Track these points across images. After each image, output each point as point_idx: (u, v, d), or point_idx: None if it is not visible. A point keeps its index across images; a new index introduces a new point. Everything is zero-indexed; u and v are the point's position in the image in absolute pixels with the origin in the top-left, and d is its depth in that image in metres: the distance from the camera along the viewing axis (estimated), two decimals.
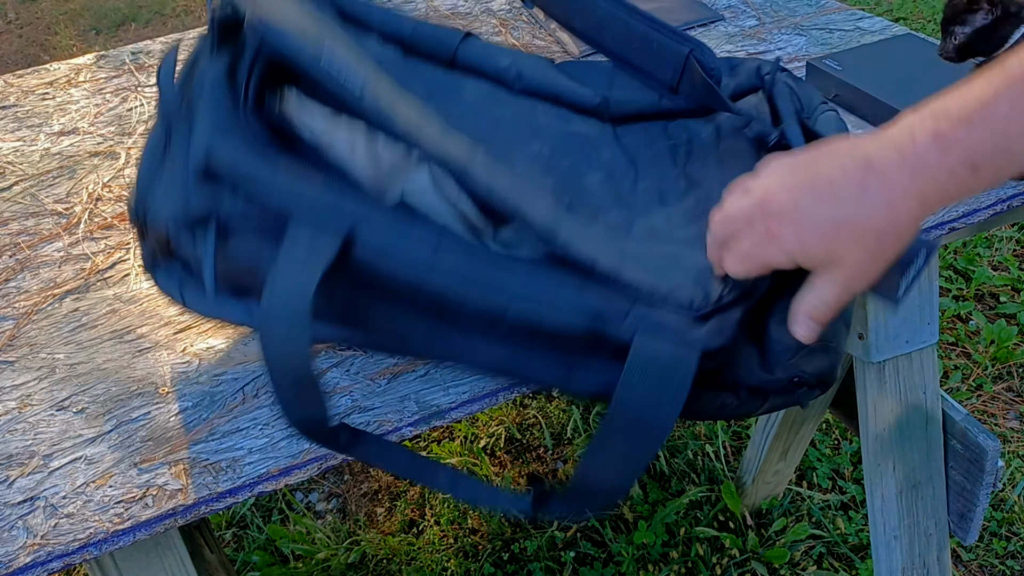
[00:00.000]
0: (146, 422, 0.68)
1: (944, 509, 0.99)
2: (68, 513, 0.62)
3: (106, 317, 0.78)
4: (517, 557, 1.45)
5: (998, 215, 0.83)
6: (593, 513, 0.62)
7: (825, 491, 1.55)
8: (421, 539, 1.49)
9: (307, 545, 1.48)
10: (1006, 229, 2.08)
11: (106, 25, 3.53)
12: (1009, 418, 1.66)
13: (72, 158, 1.00)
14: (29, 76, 1.18)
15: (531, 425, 1.69)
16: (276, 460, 0.65)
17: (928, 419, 0.95)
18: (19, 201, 0.94)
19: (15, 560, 0.59)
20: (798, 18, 1.15)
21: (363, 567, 1.46)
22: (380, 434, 0.67)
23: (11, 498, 0.63)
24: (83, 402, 0.70)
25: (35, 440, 0.67)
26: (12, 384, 0.72)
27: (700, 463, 1.58)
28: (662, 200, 0.70)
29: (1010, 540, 1.46)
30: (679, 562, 1.42)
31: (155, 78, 1.15)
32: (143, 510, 0.62)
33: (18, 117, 1.09)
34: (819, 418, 1.31)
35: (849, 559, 1.44)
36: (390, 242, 0.58)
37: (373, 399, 0.69)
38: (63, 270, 0.83)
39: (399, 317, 0.62)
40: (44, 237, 0.88)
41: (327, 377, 0.71)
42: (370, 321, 0.63)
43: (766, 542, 1.47)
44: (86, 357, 0.74)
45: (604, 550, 1.46)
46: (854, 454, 1.59)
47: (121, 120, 1.07)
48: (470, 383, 0.70)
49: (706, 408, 0.64)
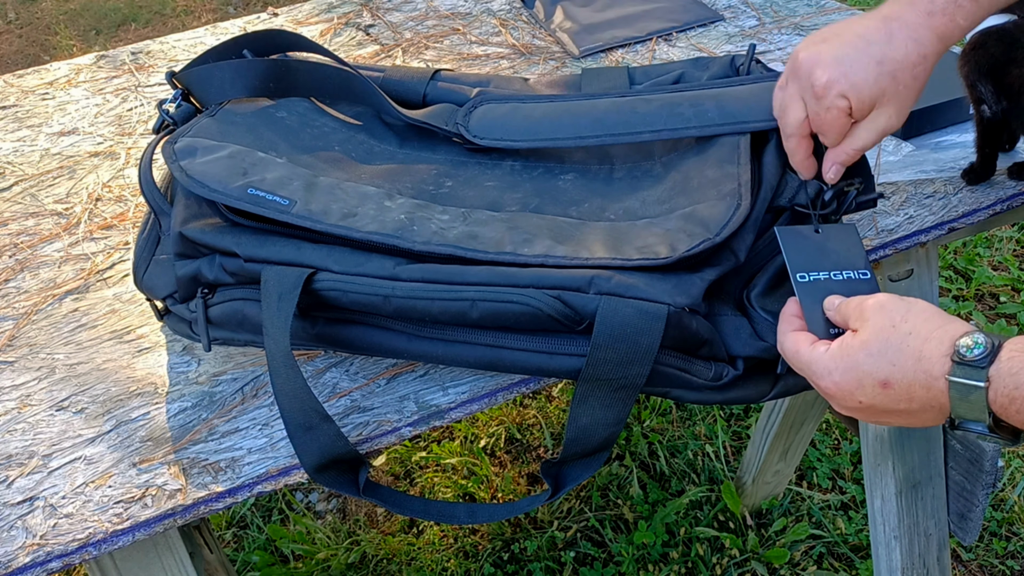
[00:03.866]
0: (145, 422, 0.68)
1: (944, 509, 0.99)
2: (67, 513, 0.62)
3: (106, 317, 0.78)
4: (517, 557, 1.45)
5: (998, 215, 0.83)
6: (596, 464, 0.66)
7: (825, 491, 1.55)
8: (421, 539, 1.49)
9: (307, 545, 1.48)
10: (1006, 229, 2.08)
11: (106, 25, 3.53)
12: None
13: (72, 158, 1.00)
14: (29, 76, 1.18)
15: (531, 425, 1.69)
16: (275, 460, 0.65)
17: None
18: (19, 201, 0.94)
19: (14, 560, 0.59)
20: (798, 18, 1.15)
21: (363, 567, 1.46)
22: (380, 434, 0.67)
23: (11, 498, 0.63)
24: (83, 402, 0.70)
25: (35, 440, 0.67)
26: (12, 384, 0.72)
27: (700, 463, 1.58)
28: (637, 186, 0.72)
29: (1010, 540, 1.46)
30: (679, 562, 1.42)
31: (154, 75, 1.15)
32: (142, 510, 0.62)
33: (18, 117, 1.09)
34: (819, 418, 1.31)
35: (849, 559, 1.44)
36: (347, 276, 0.64)
37: (372, 399, 0.69)
38: (63, 270, 0.83)
39: (380, 334, 0.67)
40: (44, 237, 0.88)
41: (326, 377, 0.71)
42: (355, 342, 0.68)
43: (766, 542, 1.47)
44: (86, 357, 0.74)
45: (604, 550, 1.46)
46: (854, 454, 1.59)
47: (121, 120, 1.07)
48: (469, 383, 0.70)
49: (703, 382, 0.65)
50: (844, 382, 0.56)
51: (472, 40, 1.17)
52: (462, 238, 0.66)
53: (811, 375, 0.59)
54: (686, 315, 0.61)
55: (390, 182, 0.72)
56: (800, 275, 0.63)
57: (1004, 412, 0.49)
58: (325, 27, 1.23)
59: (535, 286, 0.61)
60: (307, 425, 0.62)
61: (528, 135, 0.75)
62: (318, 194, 0.69)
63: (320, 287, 0.64)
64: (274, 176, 0.69)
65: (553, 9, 1.22)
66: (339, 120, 0.80)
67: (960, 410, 0.51)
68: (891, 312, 0.55)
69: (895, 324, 0.54)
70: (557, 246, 0.65)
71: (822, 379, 0.57)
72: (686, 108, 0.73)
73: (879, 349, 0.54)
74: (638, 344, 0.60)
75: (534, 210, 0.70)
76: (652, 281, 0.61)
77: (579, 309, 0.61)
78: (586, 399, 0.62)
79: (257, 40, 0.83)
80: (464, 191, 0.72)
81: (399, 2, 1.29)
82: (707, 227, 0.64)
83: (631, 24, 1.17)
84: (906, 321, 0.54)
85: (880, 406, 0.55)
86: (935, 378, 0.51)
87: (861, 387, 0.55)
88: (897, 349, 0.53)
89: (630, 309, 0.60)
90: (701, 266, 0.64)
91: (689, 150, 0.73)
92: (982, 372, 0.49)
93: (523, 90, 0.83)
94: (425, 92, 0.83)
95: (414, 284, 0.63)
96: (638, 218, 0.68)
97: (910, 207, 0.83)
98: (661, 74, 0.80)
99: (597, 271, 0.62)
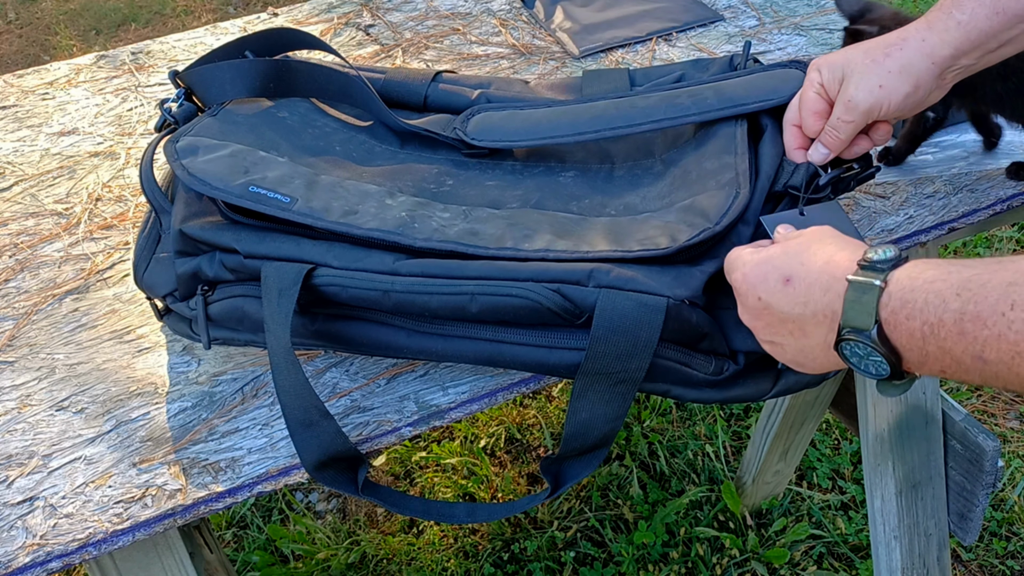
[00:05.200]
0: (145, 422, 0.68)
1: (944, 509, 0.99)
2: (67, 513, 0.62)
3: (106, 317, 0.78)
4: (517, 557, 1.45)
5: (998, 215, 0.83)
6: (595, 462, 0.66)
7: (825, 491, 1.55)
8: (421, 539, 1.49)
9: (307, 545, 1.48)
10: (1006, 229, 2.08)
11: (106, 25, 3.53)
12: (1009, 418, 1.66)
13: (72, 158, 1.00)
14: (29, 76, 1.18)
15: (531, 425, 1.69)
16: (275, 460, 0.65)
17: (928, 419, 0.95)
18: (19, 201, 0.93)
19: (14, 560, 0.59)
20: (798, 18, 1.15)
21: (363, 567, 1.46)
22: (380, 434, 0.67)
23: (11, 498, 0.63)
24: (83, 402, 0.70)
25: (35, 440, 0.67)
26: (12, 384, 0.72)
27: (700, 463, 1.58)
28: (638, 183, 0.73)
29: (1010, 540, 1.46)
30: (679, 562, 1.42)
31: (154, 75, 1.15)
32: (142, 510, 0.62)
33: (18, 117, 1.09)
34: (819, 418, 1.31)
35: (849, 559, 1.44)
36: (347, 272, 0.64)
37: (372, 399, 0.69)
38: (63, 270, 0.83)
39: (379, 329, 0.67)
40: (44, 237, 0.88)
41: (326, 377, 0.71)
42: (354, 339, 0.68)
43: (766, 542, 1.47)
44: (86, 357, 0.74)
45: (604, 550, 1.46)
46: (854, 454, 1.59)
47: (121, 120, 1.07)
48: (469, 383, 0.70)
49: (703, 377, 0.65)
50: (752, 274, 0.56)
51: (472, 40, 1.17)
52: (463, 235, 0.66)
53: (729, 271, 0.60)
54: (686, 308, 0.61)
55: (391, 181, 0.72)
56: None
57: (894, 318, 0.48)
58: (325, 27, 1.23)
59: (534, 279, 0.61)
60: (308, 422, 0.62)
61: (527, 135, 0.75)
62: (319, 192, 0.69)
63: (320, 282, 0.64)
64: (275, 174, 0.69)
65: (553, 9, 1.22)
66: (340, 121, 0.80)
67: (850, 313, 0.50)
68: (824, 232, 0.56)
69: (821, 238, 0.55)
70: (558, 241, 0.65)
71: (735, 271, 0.58)
72: (685, 99, 0.74)
73: (795, 250, 0.55)
74: (637, 337, 0.60)
75: (535, 206, 0.70)
76: (652, 274, 0.61)
77: (578, 302, 0.61)
78: (585, 393, 0.62)
79: (265, 39, 0.83)
80: (465, 190, 0.72)
81: (399, 2, 1.29)
82: (707, 217, 0.64)
83: (631, 24, 1.17)
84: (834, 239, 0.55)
85: (776, 307, 0.55)
86: (836, 280, 0.51)
87: (764, 281, 0.55)
88: (811, 252, 0.54)
89: (629, 302, 0.60)
90: (701, 258, 0.64)
91: (688, 145, 0.73)
92: (882, 274, 0.49)
93: (523, 92, 0.83)
94: (426, 94, 0.83)
95: (413, 279, 0.63)
96: (638, 212, 0.68)
97: (910, 207, 0.83)
98: (661, 76, 0.80)
99: (597, 264, 0.62)
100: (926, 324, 0.46)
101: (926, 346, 0.46)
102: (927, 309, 0.46)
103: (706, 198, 0.65)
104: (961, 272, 0.45)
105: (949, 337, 0.45)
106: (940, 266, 0.47)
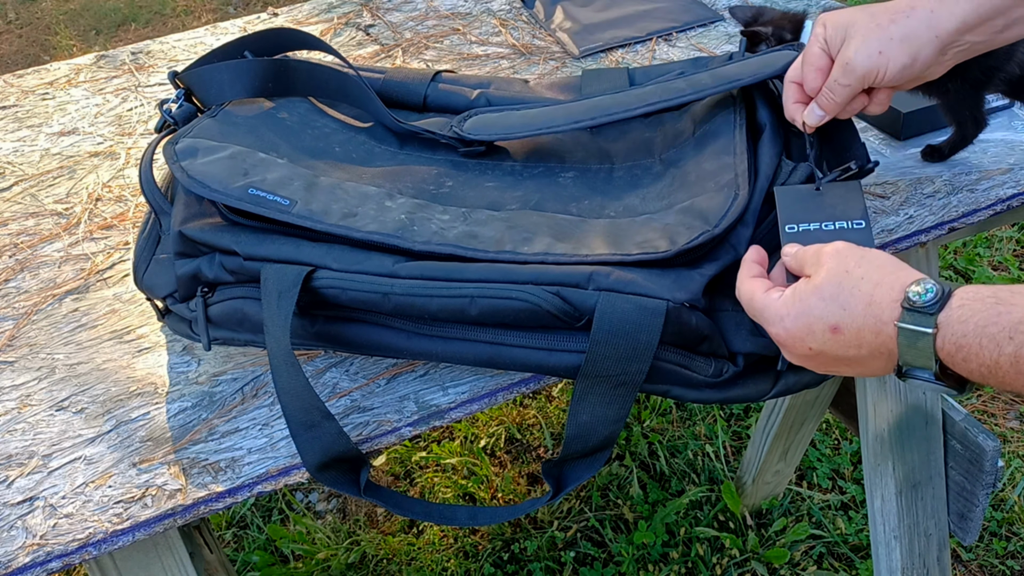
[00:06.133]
0: (145, 422, 0.68)
1: (944, 509, 0.99)
2: (67, 513, 0.62)
3: (106, 317, 0.78)
4: (517, 557, 1.45)
5: (998, 215, 0.83)
6: (597, 464, 0.66)
7: (825, 491, 1.55)
8: (421, 539, 1.49)
9: (307, 545, 1.48)
10: (1006, 229, 2.08)
11: (106, 25, 3.53)
12: (1009, 418, 1.66)
13: (72, 158, 1.00)
14: (29, 76, 1.18)
15: (531, 425, 1.69)
16: (275, 460, 0.65)
17: (928, 419, 0.95)
18: (19, 201, 0.94)
19: (14, 560, 0.59)
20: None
21: (363, 567, 1.46)
22: (380, 434, 0.67)
23: (11, 498, 0.63)
24: (83, 402, 0.70)
25: (35, 440, 0.67)
26: (12, 384, 0.72)
27: (700, 463, 1.58)
28: (637, 183, 0.73)
29: (1010, 540, 1.46)
30: (679, 562, 1.42)
31: (154, 75, 1.15)
32: (142, 510, 0.62)
33: (18, 117, 1.09)
34: (819, 418, 1.31)
35: (849, 559, 1.44)
36: (346, 274, 0.64)
37: (372, 399, 0.69)
38: (63, 270, 0.83)
39: (379, 331, 0.67)
40: (44, 237, 0.88)
41: (326, 377, 0.71)
42: (354, 340, 0.68)
43: (766, 542, 1.47)
44: (86, 357, 0.74)
45: (604, 550, 1.46)
46: (854, 454, 1.59)
47: (121, 120, 1.07)
48: (469, 383, 0.70)
49: (703, 379, 0.65)
50: (795, 328, 0.56)
51: (472, 40, 1.17)
52: (462, 237, 0.66)
53: (763, 322, 0.59)
54: (685, 311, 0.61)
55: (391, 182, 0.72)
56: (789, 226, 0.63)
57: (951, 360, 0.49)
58: (325, 27, 1.23)
59: (534, 282, 0.61)
60: (309, 423, 0.62)
61: (523, 129, 0.75)
62: (319, 194, 0.69)
63: (319, 284, 0.64)
64: (275, 176, 0.69)
65: (553, 9, 1.22)
66: (340, 121, 0.80)
67: (908, 357, 0.51)
68: (846, 258, 0.55)
69: (849, 270, 0.54)
70: (557, 244, 0.65)
71: (773, 325, 0.57)
72: (681, 83, 0.74)
73: (831, 294, 0.54)
74: (637, 340, 0.60)
75: (534, 207, 0.70)
76: (651, 277, 0.61)
77: (578, 305, 0.61)
78: (586, 396, 0.62)
79: (265, 39, 0.83)
80: (464, 191, 0.72)
81: (399, 2, 1.29)
82: (706, 219, 0.64)
83: (631, 24, 1.17)
84: (860, 267, 0.54)
85: (830, 352, 0.55)
86: (884, 323, 0.51)
87: (811, 333, 0.55)
88: (849, 294, 0.53)
89: (629, 305, 0.60)
90: (700, 261, 0.64)
91: (687, 144, 0.73)
92: (931, 319, 0.49)
93: (523, 92, 0.83)
94: (426, 94, 0.83)
95: (413, 281, 0.63)
96: (638, 214, 0.68)
97: (910, 207, 0.83)
98: (661, 74, 0.81)
99: (596, 267, 0.62)
100: (983, 366, 0.48)
101: (986, 380, 0.49)
102: (982, 353, 0.48)
103: (705, 199, 0.65)
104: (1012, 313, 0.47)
105: (1007, 376, 0.47)
106: (986, 304, 0.48)
